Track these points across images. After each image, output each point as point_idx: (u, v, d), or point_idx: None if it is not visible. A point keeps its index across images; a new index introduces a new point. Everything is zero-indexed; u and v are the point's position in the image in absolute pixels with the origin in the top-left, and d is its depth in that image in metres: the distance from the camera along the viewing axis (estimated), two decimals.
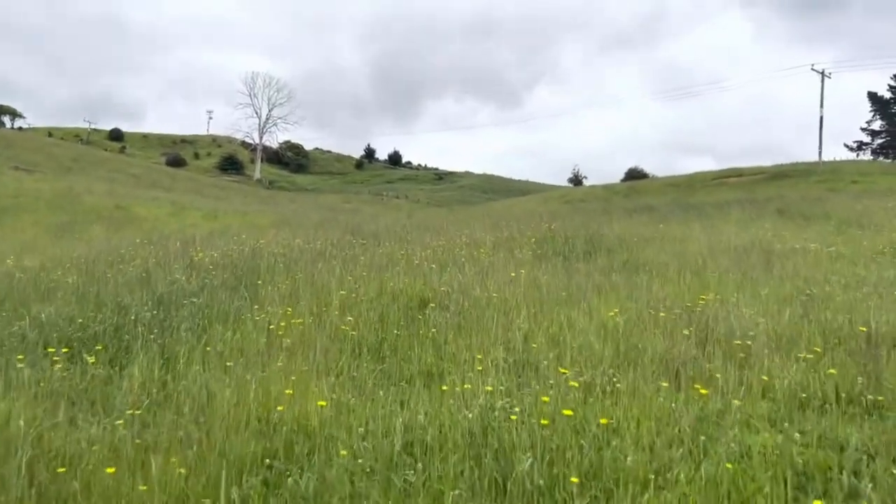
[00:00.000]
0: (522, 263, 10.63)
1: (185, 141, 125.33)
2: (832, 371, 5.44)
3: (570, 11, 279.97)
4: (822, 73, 50.38)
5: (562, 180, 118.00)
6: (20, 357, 5.91)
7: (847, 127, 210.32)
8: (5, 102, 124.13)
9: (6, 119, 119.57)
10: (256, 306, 7.97)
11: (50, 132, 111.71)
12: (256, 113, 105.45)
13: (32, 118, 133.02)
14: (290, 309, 7.72)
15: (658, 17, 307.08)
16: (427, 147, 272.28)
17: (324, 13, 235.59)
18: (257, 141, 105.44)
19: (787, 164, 57.36)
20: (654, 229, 16.46)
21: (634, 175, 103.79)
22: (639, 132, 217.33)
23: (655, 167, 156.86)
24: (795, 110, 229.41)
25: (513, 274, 9.75)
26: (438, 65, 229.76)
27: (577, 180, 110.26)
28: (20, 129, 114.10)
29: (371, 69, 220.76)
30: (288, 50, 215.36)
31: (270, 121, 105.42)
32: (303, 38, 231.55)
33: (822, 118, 50.83)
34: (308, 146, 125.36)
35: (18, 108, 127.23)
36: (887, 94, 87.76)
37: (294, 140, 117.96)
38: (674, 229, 15.82)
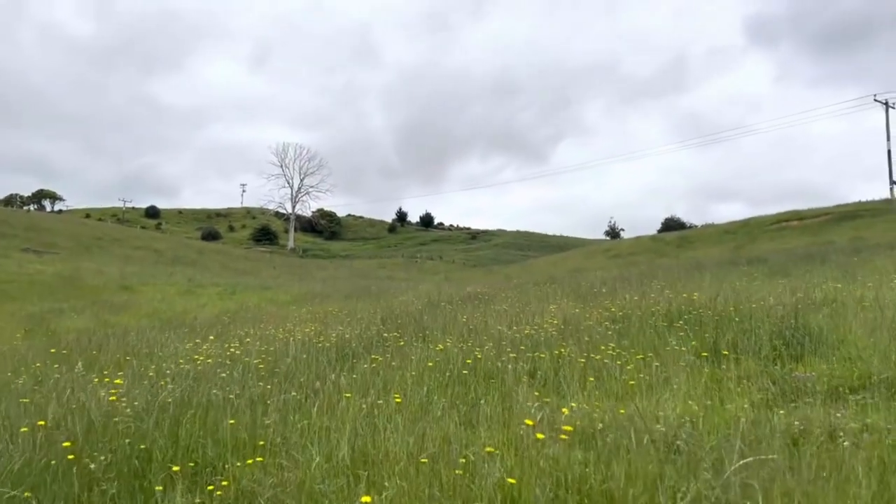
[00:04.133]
0: (718, 381, 5.68)
1: (219, 215, 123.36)
2: None
3: (591, 64, 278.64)
4: (886, 104, 45.18)
5: (596, 233, 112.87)
6: None
7: (877, 165, 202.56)
8: (48, 186, 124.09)
9: (47, 203, 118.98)
10: None
11: (88, 213, 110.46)
12: (288, 183, 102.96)
13: (73, 201, 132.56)
14: None
15: (678, 65, 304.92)
16: (456, 207, 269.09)
17: (349, 83, 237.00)
18: (290, 210, 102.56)
19: (850, 203, 51.63)
20: (800, 287, 11.35)
21: (672, 224, 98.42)
22: (667, 181, 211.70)
23: (687, 215, 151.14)
24: (824, 151, 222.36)
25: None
26: (463, 125, 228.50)
27: (614, 233, 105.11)
28: (60, 211, 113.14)
29: (397, 133, 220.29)
30: (316, 120, 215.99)
31: (302, 190, 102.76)
32: (330, 108, 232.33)
33: (889, 151, 45.31)
34: (340, 212, 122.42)
35: (60, 191, 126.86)
36: None
37: (327, 207, 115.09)
38: (847, 288, 10.64)
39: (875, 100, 45.96)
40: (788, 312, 8.03)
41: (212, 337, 10.13)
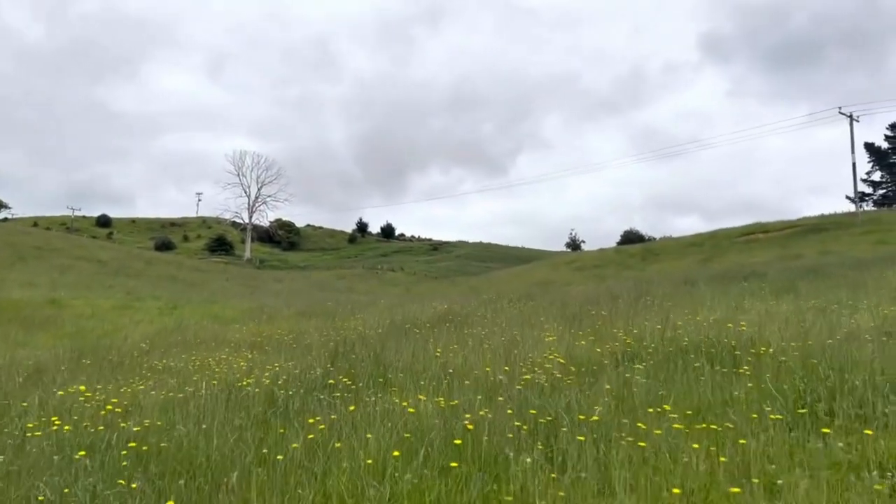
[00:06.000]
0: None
1: (174, 224, 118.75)
2: None
3: (549, 78, 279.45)
4: (851, 117, 44.54)
5: (555, 245, 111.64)
6: None
7: (828, 180, 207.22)
8: None
9: None
10: None
11: (35, 222, 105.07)
12: (245, 192, 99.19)
13: (20, 209, 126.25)
14: None
15: (635, 80, 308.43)
16: (417, 218, 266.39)
17: (308, 93, 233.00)
18: (246, 220, 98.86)
19: (814, 217, 50.97)
20: (831, 308, 9.43)
21: (632, 237, 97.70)
22: (624, 194, 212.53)
23: (645, 227, 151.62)
24: (777, 165, 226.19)
25: None
26: (423, 137, 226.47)
27: (575, 245, 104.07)
28: (5, 219, 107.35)
29: (357, 144, 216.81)
30: (274, 130, 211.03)
31: (260, 199, 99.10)
32: (289, 118, 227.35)
33: (854, 164, 44.70)
34: (299, 222, 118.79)
35: (6, 199, 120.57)
36: (884, 145, 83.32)
37: (285, 217, 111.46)
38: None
39: (840, 112, 45.25)
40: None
41: (99, 386, 7.62)
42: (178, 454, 4.33)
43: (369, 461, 3.84)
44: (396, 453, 3.82)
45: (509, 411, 4.75)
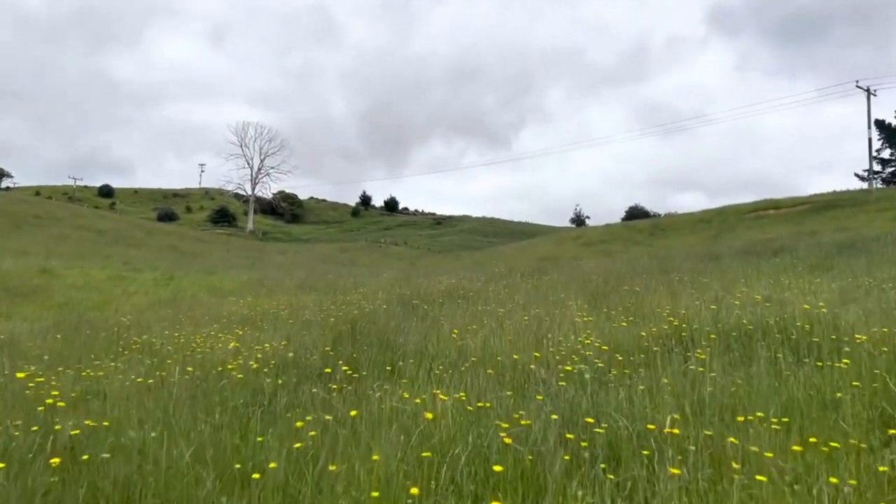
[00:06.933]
0: None
1: (176, 195, 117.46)
2: None
3: (553, 51, 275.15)
4: (868, 91, 42.95)
5: (557, 220, 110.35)
6: None
7: (833, 157, 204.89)
8: None
9: None
10: None
11: (38, 191, 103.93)
12: (248, 163, 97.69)
13: (23, 178, 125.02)
14: None
15: (640, 53, 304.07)
16: (420, 191, 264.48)
17: (310, 64, 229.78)
18: (249, 192, 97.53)
19: (827, 193, 49.57)
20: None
21: (636, 213, 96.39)
22: (627, 170, 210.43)
23: (649, 204, 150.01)
24: (781, 142, 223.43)
25: None
26: (426, 109, 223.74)
27: (579, 220, 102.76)
28: (7, 188, 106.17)
29: (359, 115, 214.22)
30: (277, 101, 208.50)
31: (263, 171, 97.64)
32: (291, 89, 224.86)
33: (870, 139, 43.22)
34: (302, 195, 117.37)
35: (7, 168, 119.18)
36: (895, 122, 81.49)
37: (288, 190, 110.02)
38: None
39: (857, 86, 43.61)
40: None
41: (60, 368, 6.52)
42: (123, 472, 3.25)
43: (374, 493, 2.76)
44: (415, 491, 2.72)
45: (553, 416, 3.66)
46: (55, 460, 3.20)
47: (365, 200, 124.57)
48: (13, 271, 23.25)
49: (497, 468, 2.87)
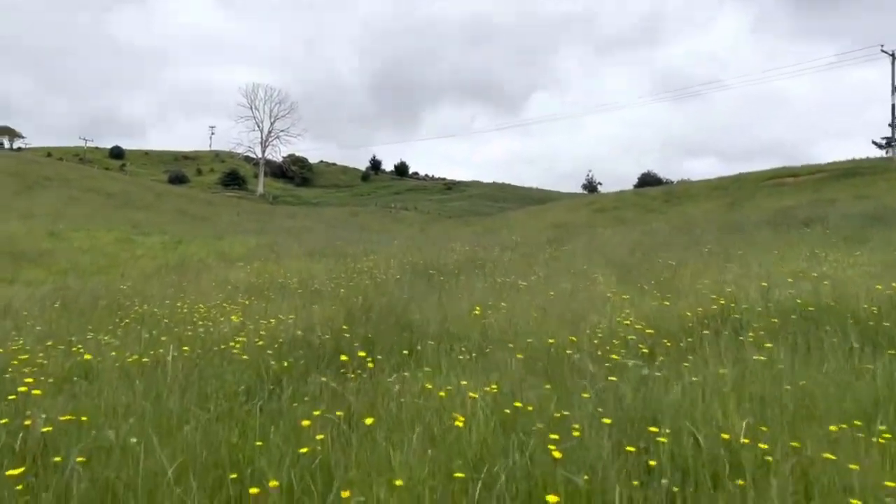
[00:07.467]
0: None
1: (187, 157, 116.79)
2: None
3: (567, 15, 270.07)
4: (893, 55, 41.48)
5: (569, 186, 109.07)
6: None
7: (850, 125, 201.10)
8: (5, 123, 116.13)
9: (5, 140, 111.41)
10: None
11: (49, 152, 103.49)
12: (258, 126, 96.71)
13: (33, 139, 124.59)
14: None
15: (655, 17, 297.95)
16: (431, 156, 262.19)
17: (321, 26, 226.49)
18: (259, 155, 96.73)
19: (845, 161, 48.37)
20: None
21: (649, 180, 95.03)
22: (640, 136, 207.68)
23: (661, 170, 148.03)
24: (797, 108, 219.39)
25: None
26: (437, 72, 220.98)
27: (591, 186, 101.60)
28: (18, 149, 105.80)
29: (369, 78, 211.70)
30: (287, 63, 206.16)
31: (273, 134, 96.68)
32: (301, 51, 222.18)
33: (893, 105, 41.87)
34: (312, 158, 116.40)
35: (19, 128, 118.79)
36: None
37: (298, 153, 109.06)
38: None
39: (882, 51, 42.13)
40: None
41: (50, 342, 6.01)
42: (102, 477, 2.73)
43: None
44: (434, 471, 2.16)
45: (606, 419, 3.11)
46: (14, 471, 2.67)
47: (375, 165, 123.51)
48: (19, 233, 22.87)
49: (552, 499, 2.31)
